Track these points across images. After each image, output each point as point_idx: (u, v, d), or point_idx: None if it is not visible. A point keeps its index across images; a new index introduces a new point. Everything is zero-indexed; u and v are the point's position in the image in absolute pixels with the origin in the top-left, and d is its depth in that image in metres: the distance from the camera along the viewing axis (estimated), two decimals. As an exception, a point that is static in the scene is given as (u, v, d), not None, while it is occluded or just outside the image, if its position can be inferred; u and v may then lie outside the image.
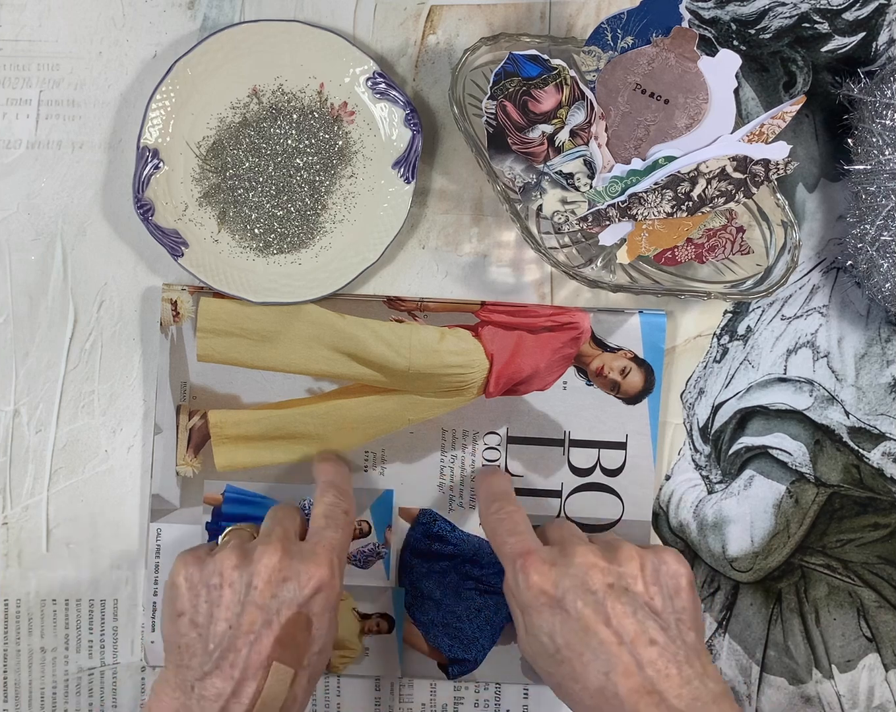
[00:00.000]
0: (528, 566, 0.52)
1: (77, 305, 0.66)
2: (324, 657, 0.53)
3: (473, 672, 0.66)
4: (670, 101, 0.59)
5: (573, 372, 0.65)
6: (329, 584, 0.52)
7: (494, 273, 0.66)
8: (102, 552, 0.66)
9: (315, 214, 0.64)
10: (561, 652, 0.50)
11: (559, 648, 0.50)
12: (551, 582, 0.51)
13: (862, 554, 0.66)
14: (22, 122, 0.66)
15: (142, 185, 0.63)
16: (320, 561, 0.52)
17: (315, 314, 0.65)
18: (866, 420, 0.66)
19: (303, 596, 0.51)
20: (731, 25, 0.65)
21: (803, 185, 0.66)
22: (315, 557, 0.52)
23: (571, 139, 0.60)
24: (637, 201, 0.59)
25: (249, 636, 0.50)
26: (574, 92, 0.59)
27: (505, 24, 0.65)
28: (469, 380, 0.65)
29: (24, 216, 0.66)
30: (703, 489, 0.66)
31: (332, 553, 0.53)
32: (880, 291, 0.62)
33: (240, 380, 0.65)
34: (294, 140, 0.64)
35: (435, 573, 0.66)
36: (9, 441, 0.66)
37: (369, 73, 0.63)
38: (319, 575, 0.51)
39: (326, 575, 0.51)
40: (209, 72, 0.63)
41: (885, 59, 0.65)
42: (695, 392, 0.66)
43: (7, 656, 0.66)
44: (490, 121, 0.60)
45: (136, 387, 0.66)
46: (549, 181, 0.61)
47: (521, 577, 0.52)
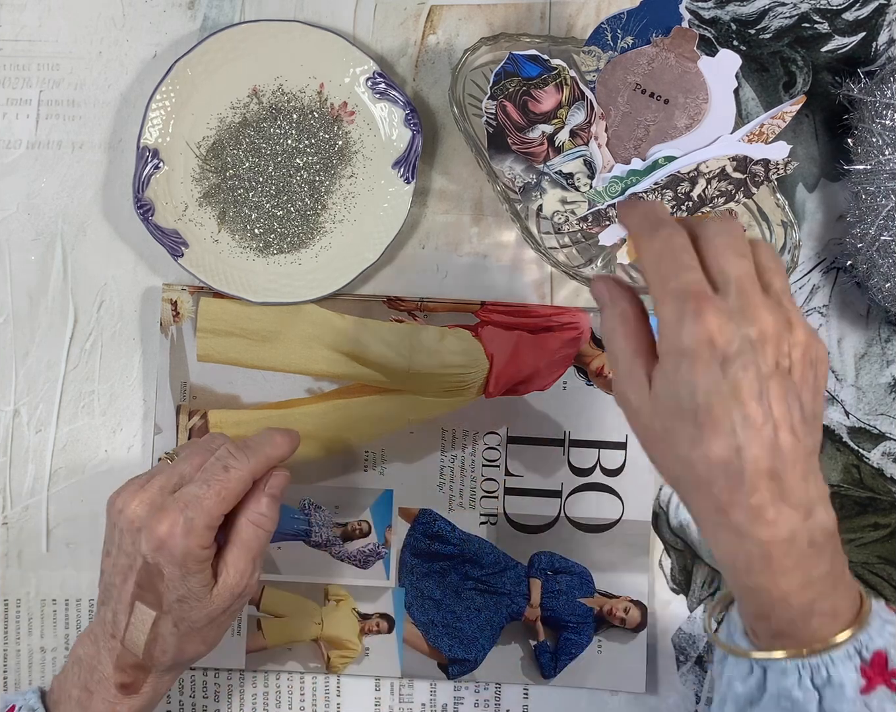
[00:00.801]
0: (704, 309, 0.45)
1: (77, 305, 0.66)
2: (188, 607, 0.54)
3: (473, 672, 0.66)
4: (670, 101, 0.59)
5: (573, 372, 0.65)
6: (168, 543, 0.52)
7: (494, 273, 0.66)
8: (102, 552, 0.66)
9: (315, 214, 0.64)
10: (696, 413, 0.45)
11: (697, 408, 0.45)
12: (725, 337, 0.45)
13: (862, 554, 0.66)
14: (22, 122, 0.66)
15: (142, 185, 0.63)
16: (162, 518, 0.53)
17: (315, 314, 0.65)
18: (866, 420, 0.66)
19: (146, 549, 0.53)
20: (731, 25, 0.65)
21: (803, 185, 0.66)
22: (160, 513, 0.53)
23: (571, 139, 0.60)
24: None
25: (120, 576, 0.54)
26: (574, 92, 0.59)
27: (505, 24, 0.65)
28: (469, 380, 0.65)
29: (24, 216, 0.66)
30: (703, 489, 0.66)
31: (182, 511, 0.53)
32: (880, 291, 0.62)
33: (240, 380, 0.65)
34: (294, 140, 0.64)
35: (435, 573, 0.66)
36: (9, 441, 0.66)
37: (369, 73, 0.63)
38: (158, 533, 0.52)
39: (164, 534, 0.52)
40: (209, 72, 0.63)
41: (885, 59, 0.65)
42: (695, 392, 0.66)
43: (7, 656, 0.66)
44: (490, 121, 0.60)
45: (136, 387, 0.66)
46: (549, 181, 0.61)
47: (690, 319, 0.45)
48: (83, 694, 0.54)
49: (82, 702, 0.54)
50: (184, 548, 0.52)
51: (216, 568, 0.54)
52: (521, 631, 0.66)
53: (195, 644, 0.55)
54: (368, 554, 0.66)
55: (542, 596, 0.66)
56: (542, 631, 0.66)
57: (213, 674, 0.67)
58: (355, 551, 0.66)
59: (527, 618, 0.66)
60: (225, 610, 0.55)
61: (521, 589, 0.66)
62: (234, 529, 0.55)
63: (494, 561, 0.66)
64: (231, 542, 0.55)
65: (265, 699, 0.67)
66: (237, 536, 0.55)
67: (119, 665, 0.54)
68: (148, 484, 0.55)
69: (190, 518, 0.52)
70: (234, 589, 0.55)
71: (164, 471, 0.55)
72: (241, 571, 0.55)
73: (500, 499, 0.66)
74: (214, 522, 0.53)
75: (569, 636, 0.65)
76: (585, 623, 0.65)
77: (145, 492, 0.54)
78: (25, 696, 0.56)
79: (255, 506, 0.55)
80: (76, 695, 0.55)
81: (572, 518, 0.66)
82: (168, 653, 0.54)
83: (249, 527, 0.55)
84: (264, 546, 0.56)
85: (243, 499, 0.55)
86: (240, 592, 0.55)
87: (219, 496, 0.53)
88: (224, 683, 0.67)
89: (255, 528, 0.55)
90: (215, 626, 0.56)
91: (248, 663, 0.66)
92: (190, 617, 0.54)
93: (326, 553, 0.66)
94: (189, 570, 0.53)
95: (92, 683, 0.54)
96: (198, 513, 0.53)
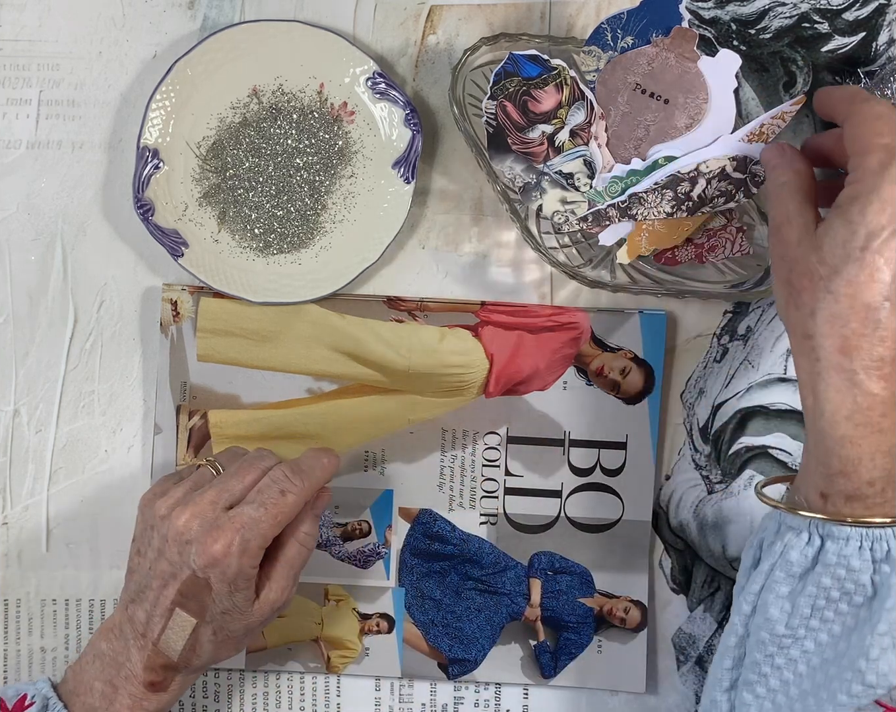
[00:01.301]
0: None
1: (77, 305, 0.66)
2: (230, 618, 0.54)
3: (473, 672, 0.66)
4: (670, 101, 0.59)
5: (573, 372, 0.65)
6: (222, 562, 0.53)
7: (494, 273, 0.66)
8: (102, 552, 0.66)
9: (315, 214, 0.64)
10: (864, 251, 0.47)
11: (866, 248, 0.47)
12: None
13: (862, 554, 0.66)
14: (22, 122, 0.66)
15: (142, 185, 0.63)
16: (217, 536, 0.53)
17: (315, 314, 0.65)
18: (866, 420, 0.66)
19: (197, 565, 0.53)
20: (731, 25, 0.65)
21: (803, 185, 0.66)
22: (216, 531, 0.53)
23: (571, 139, 0.60)
24: (637, 201, 0.59)
25: (159, 580, 0.55)
26: (574, 92, 0.59)
27: (505, 24, 0.65)
28: (469, 380, 0.65)
29: (24, 216, 0.66)
30: (703, 489, 0.66)
31: (239, 531, 0.53)
32: (880, 291, 0.62)
33: (240, 380, 0.65)
34: (294, 140, 0.64)
35: (435, 573, 0.66)
36: (9, 441, 0.66)
37: (369, 73, 0.63)
38: (212, 552, 0.53)
39: (219, 553, 0.53)
40: (209, 72, 0.63)
41: (885, 59, 0.65)
42: (695, 392, 0.66)
43: (7, 656, 0.66)
44: (490, 121, 0.60)
45: (136, 387, 0.66)
46: (549, 181, 0.61)
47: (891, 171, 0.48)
48: (107, 688, 0.55)
49: (107, 695, 0.55)
50: (237, 568, 0.53)
51: (258, 583, 0.55)
52: (521, 631, 0.66)
53: (229, 650, 0.57)
54: (368, 554, 0.66)
55: (542, 596, 0.66)
56: (542, 631, 0.66)
57: (213, 674, 0.67)
58: (355, 551, 0.66)
59: (527, 618, 0.66)
60: (262, 621, 0.56)
61: (521, 589, 0.66)
62: (279, 546, 0.56)
63: (494, 562, 0.66)
64: (275, 559, 0.56)
65: (265, 699, 0.67)
66: (282, 553, 0.56)
67: (149, 664, 0.55)
68: (198, 497, 0.55)
69: (246, 539, 0.53)
70: (275, 604, 0.56)
71: (214, 486, 0.56)
72: (283, 587, 0.56)
73: (500, 499, 0.66)
74: (267, 544, 0.55)
75: (569, 636, 0.65)
76: (585, 623, 0.65)
77: (196, 506, 0.55)
78: (37, 685, 0.57)
79: (302, 525, 0.57)
80: (99, 688, 0.55)
81: (572, 518, 0.66)
82: (202, 659, 0.56)
83: (295, 545, 0.57)
84: (305, 563, 0.57)
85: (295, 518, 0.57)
86: (279, 606, 0.57)
87: (275, 520, 0.54)
88: (224, 683, 0.67)
89: (300, 547, 0.57)
90: (249, 636, 0.57)
91: (248, 663, 0.66)
92: (229, 627, 0.55)
93: (326, 553, 0.66)
94: (237, 587, 0.54)
95: (118, 679, 0.55)
96: (254, 535, 0.53)
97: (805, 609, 0.49)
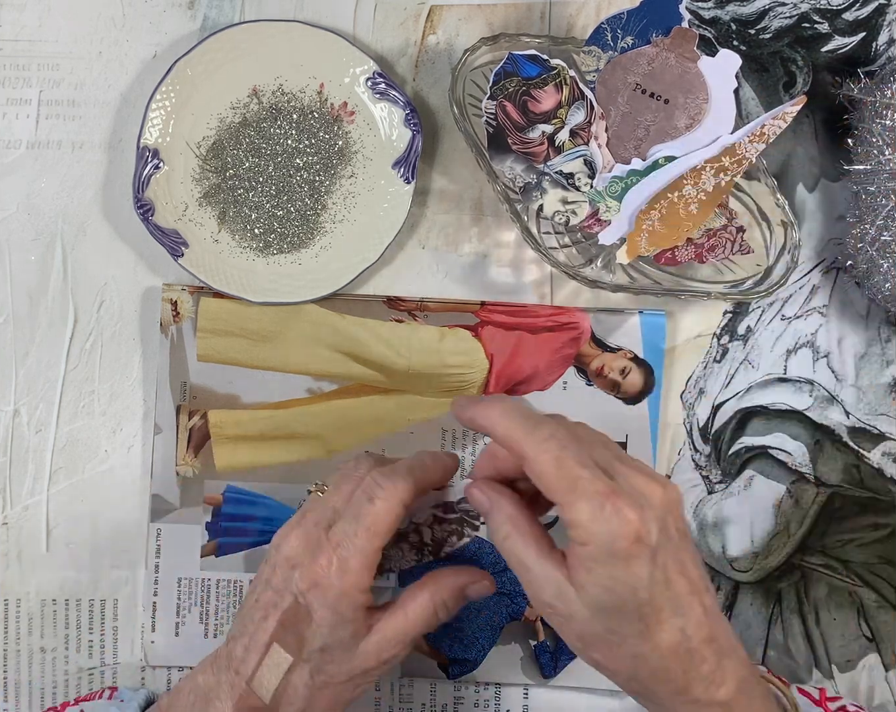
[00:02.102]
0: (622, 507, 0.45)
1: (77, 305, 0.66)
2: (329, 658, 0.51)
3: (473, 672, 0.66)
4: (670, 101, 0.59)
5: (573, 372, 0.65)
6: (323, 583, 0.50)
7: (494, 273, 0.66)
8: (102, 552, 0.66)
9: (315, 214, 0.64)
10: (642, 609, 0.45)
11: (640, 604, 0.45)
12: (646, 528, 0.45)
13: (862, 554, 0.66)
14: (22, 122, 0.66)
15: (142, 185, 0.63)
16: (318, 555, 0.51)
17: (315, 314, 0.65)
18: (866, 420, 0.66)
19: (299, 588, 0.51)
20: (731, 25, 0.65)
21: (803, 185, 0.66)
22: (317, 551, 0.51)
23: (571, 139, 0.60)
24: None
25: (261, 612, 0.52)
26: (574, 92, 0.59)
27: (505, 24, 0.65)
28: (469, 381, 0.65)
29: (24, 216, 0.66)
30: (703, 489, 0.66)
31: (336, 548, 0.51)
32: (880, 291, 0.62)
33: (240, 380, 0.65)
34: (294, 140, 0.64)
35: (435, 573, 0.66)
36: (9, 441, 0.66)
37: (369, 73, 0.63)
38: (313, 571, 0.51)
39: (319, 573, 0.50)
40: (209, 72, 0.63)
41: (885, 59, 0.65)
42: (695, 392, 0.66)
43: (7, 656, 0.66)
44: (490, 121, 0.60)
45: (136, 387, 0.66)
46: (549, 181, 0.61)
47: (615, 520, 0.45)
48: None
49: None
50: (339, 589, 0.50)
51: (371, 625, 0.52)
52: (521, 631, 0.66)
53: (324, 703, 0.52)
54: (368, 554, 0.66)
55: (542, 597, 0.66)
56: (542, 631, 0.66)
57: (213, 674, 0.67)
58: (355, 551, 0.66)
59: (527, 618, 0.66)
60: (366, 671, 0.52)
61: (521, 589, 0.66)
62: (413, 597, 0.53)
63: (494, 562, 0.66)
64: (402, 606, 0.53)
65: (265, 699, 0.67)
66: (412, 604, 0.53)
67: (239, 705, 0.51)
68: (303, 519, 0.53)
69: (344, 557, 0.50)
70: (383, 653, 0.52)
71: (317, 506, 0.53)
72: (399, 640, 0.52)
73: (500, 499, 0.66)
74: (370, 560, 0.51)
75: (569, 636, 0.65)
76: (585, 623, 0.65)
77: (300, 528, 0.52)
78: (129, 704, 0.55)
79: (447, 593, 0.53)
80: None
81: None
82: (294, 707, 0.52)
83: (429, 605, 0.53)
84: (426, 630, 0.53)
85: (437, 576, 0.54)
86: (386, 659, 0.52)
87: (369, 531, 0.51)
88: (224, 683, 0.67)
89: (433, 611, 0.53)
90: (350, 688, 0.52)
91: (248, 663, 0.66)
92: (328, 671, 0.51)
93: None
94: (343, 616, 0.50)
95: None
96: (350, 551, 0.50)
97: None
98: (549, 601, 0.47)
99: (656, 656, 0.46)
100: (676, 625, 0.46)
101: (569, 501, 0.45)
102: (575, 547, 0.46)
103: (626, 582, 0.45)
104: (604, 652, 0.47)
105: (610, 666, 0.48)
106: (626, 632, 0.46)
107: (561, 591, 0.47)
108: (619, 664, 0.47)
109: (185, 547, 0.65)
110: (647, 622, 0.46)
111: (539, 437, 0.47)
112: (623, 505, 0.45)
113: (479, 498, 0.51)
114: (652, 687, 0.47)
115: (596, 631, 0.47)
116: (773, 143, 0.59)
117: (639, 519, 0.45)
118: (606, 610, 0.46)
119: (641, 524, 0.45)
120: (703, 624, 0.47)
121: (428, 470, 0.54)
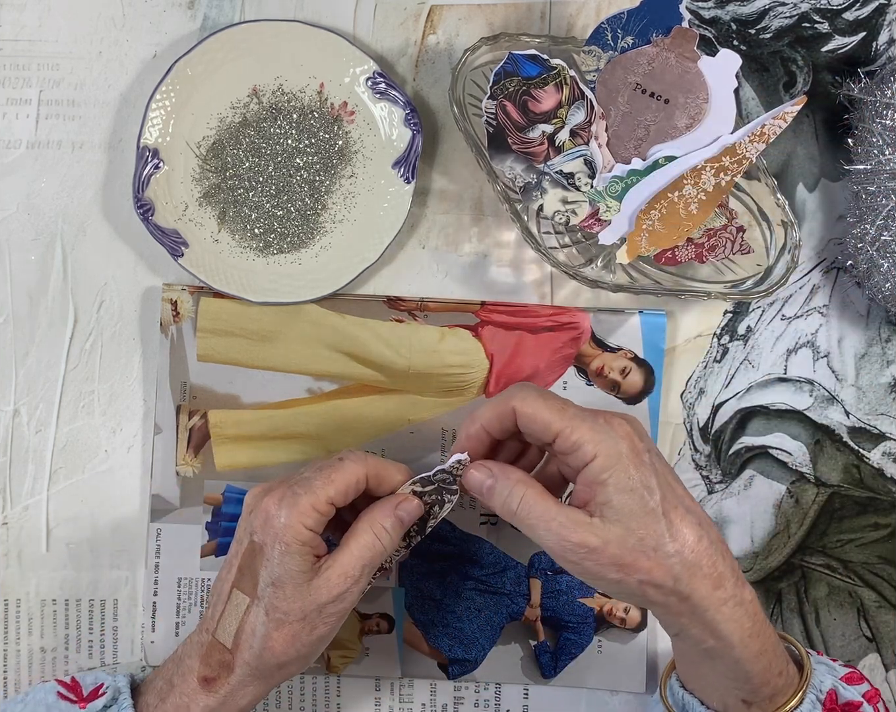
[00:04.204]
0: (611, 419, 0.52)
1: (77, 305, 0.66)
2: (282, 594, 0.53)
3: (473, 672, 0.66)
4: (670, 101, 0.59)
5: (573, 372, 0.65)
6: (273, 516, 0.53)
7: (494, 273, 0.66)
8: (102, 552, 0.66)
9: (315, 214, 0.64)
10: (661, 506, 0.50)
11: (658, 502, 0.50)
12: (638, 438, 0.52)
13: (862, 554, 0.66)
14: (22, 122, 0.66)
15: (142, 185, 0.63)
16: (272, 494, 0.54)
17: (315, 314, 0.65)
18: (866, 420, 0.66)
19: (253, 527, 0.54)
20: (731, 25, 0.65)
21: (803, 185, 0.66)
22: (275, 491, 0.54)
23: (571, 139, 0.60)
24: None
25: (226, 568, 0.55)
26: (574, 92, 0.59)
27: (505, 24, 0.65)
28: (469, 380, 0.65)
29: (24, 216, 0.66)
30: (703, 489, 0.66)
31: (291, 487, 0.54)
32: (880, 291, 0.62)
33: (240, 380, 0.65)
34: (294, 140, 0.64)
35: (435, 573, 0.66)
36: (9, 441, 0.66)
37: (369, 72, 0.63)
38: (264, 507, 0.54)
39: (270, 507, 0.53)
40: (209, 72, 0.63)
41: (885, 59, 0.65)
42: (695, 392, 0.66)
43: (7, 656, 0.66)
44: (490, 121, 0.60)
45: (136, 387, 0.66)
46: (549, 181, 0.61)
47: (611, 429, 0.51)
48: (165, 685, 0.55)
49: (162, 693, 0.55)
50: (285, 521, 0.53)
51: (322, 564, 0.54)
52: (521, 631, 0.66)
53: (282, 642, 0.53)
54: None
55: (542, 596, 0.66)
56: (542, 632, 0.66)
57: (213, 674, 0.67)
58: (355, 551, 0.66)
59: (527, 618, 0.66)
60: (320, 608, 0.53)
61: (521, 590, 0.66)
62: (353, 532, 0.55)
63: (494, 562, 0.66)
64: (345, 543, 0.55)
65: (265, 699, 0.67)
66: (354, 538, 0.54)
67: (205, 657, 0.54)
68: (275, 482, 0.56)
69: (295, 493, 0.53)
70: (334, 588, 0.53)
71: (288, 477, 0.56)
72: (346, 573, 0.53)
73: (500, 499, 0.66)
74: (321, 505, 0.53)
75: (569, 636, 0.65)
76: (585, 623, 0.65)
77: (267, 484, 0.56)
78: (116, 678, 0.57)
79: (381, 518, 0.55)
80: (159, 686, 0.56)
81: (572, 518, 0.66)
82: (253, 649, 0.53)
83: (368, 533, 0.54)
84: (376, 561, 0.55)
85: (371, 508, 0.55)
86: (338, 593, 0.53)
87: (328, 478, 0.54)
88: (224, 683, 0.67)
89: (373, 537, 0.54)
90: (307, 629, 0.54)
91: (248, 663, 0.66)
92: (282, 608, 0.53)
93: (326, 553, 0.66)
94: (289, 547, 0.53)
95: (176, 676, 0.55)
96: (302, 489, 0.53)
97: None
98: (581, 539, 0.50)
99: (688, 550, 0.50)
100: (692, 520, 0.51)
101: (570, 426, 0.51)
102: (586, 473, 0.51)
103: (640, 481, 0.50)
104: (644, 564, 0.50)
105: (655, 577, 0.50)
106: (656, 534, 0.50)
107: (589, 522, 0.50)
108: (662, 570, 0.50)
109: (185, 547, 0.65)
110: (669, 518, 0.50)
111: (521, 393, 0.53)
112: (611, 417, 0.52)
113: (480, 476, 0.54)
114: (693, 585, 0.50)
115: (630, 545, 0.50)
116: (774, 143, 0.59)
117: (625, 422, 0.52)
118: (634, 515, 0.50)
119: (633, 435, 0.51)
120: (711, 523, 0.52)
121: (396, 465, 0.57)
